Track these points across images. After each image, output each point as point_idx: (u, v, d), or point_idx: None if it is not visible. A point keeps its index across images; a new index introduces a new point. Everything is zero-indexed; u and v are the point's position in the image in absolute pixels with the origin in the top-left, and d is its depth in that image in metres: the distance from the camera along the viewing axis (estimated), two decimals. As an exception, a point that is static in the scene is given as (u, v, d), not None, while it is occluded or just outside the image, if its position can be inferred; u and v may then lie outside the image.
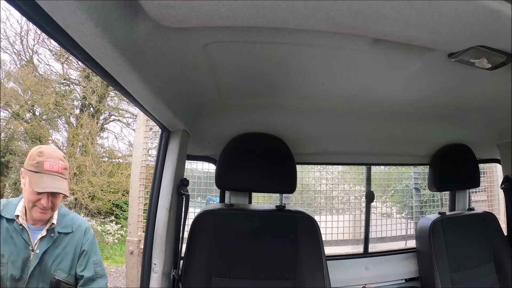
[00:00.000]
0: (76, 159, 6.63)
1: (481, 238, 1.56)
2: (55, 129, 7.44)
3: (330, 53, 0.85)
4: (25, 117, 7.05)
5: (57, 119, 7.46)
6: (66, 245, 1.32)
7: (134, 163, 3.57)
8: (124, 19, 0.57)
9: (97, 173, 6.61)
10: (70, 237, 1.33)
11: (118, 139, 7.83)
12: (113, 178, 6.69)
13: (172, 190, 1.09)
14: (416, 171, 4.51)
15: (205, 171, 3.64)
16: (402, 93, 1.16)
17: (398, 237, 4.28)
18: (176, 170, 1.10)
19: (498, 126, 1.50)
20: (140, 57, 0.67)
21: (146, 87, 0.75)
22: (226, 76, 1.00)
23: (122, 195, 6.68)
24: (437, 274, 1.48)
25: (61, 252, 1.30)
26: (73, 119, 7.47)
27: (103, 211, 6.91)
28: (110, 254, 6.03)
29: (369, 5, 0.57)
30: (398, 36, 0.69)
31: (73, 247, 1.33)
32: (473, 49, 0.72)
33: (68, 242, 1.33)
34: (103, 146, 7.62)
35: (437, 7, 0.57)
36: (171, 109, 0.94)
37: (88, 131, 7.03)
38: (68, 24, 0.50)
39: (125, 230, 6.33)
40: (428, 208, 4.53)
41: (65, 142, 7.28)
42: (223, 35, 0.75)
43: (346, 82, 1.06)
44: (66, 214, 1.38)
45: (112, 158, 7.30)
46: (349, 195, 4.53)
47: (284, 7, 0.57)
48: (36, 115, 7.17)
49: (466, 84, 1.05)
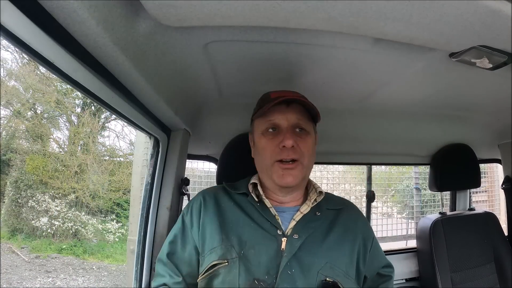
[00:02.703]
0: (77, 158, 6.65)
1: (481, 238, 1.56)
2: (56, 128, 7.45)
3: (331, 52, 0.85)
4: (26, 116, 7.07)
5: (59, 118, 7.47)
6: None
7: (135, 162, 3.57)
8: (125, 18, 0.57)
9: (98, 171, 6.63)
10: None
11: (119, 138, 7.86)
12: (114, 177, 6.70)
13: (173, 189, 1.09)
14: (417, 171, 4.51)
15: (206, 170, 3.64)
16: (403, 93, 1.16)
17: (398, 237, 4.28)
18: (177, 170, 1.11)
19: (499, 126, 1.50)
20: (141, 56, 0.67)
21: (147, 86, 0.75)
22: (227, 75, 1.00)
23: (123, 194, 6.70)
24: (438, 274, 1.48)
25: None
26: (75, 118, 7.49)
27: (104, 210, 6.92)
28: (111, 252, 6.04)
29: (370, 5, 0.57)
30: (399, 36, 0.68)
31: None
32: (474, 49, 0.72)
33: None
34: (104, 145, 7.64)
35: (438, 7, 0.56)
36: (172, 108, 0.94)
37: (90, 130, 7.05)
38: (69, 23, 0.50)
39: (126, 228, 6.34)
40: (429, 208, 4.53)
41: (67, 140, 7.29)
42: (224, 34, 0.75)
43: (347, 81, 1.06)
44: None
45: (113, 157, 7.32)
46: (350, 195, 4.52)
47: (285, 7, 0.57)
48: (38, 113, 7.19)
49: (467, 84, 1.05)
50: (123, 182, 6.66)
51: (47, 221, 5.76)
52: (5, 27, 0.43)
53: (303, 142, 0.84)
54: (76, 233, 6.00)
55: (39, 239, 5.72)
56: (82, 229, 6.02)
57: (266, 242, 0.80)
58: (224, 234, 0.82)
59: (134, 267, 1.03)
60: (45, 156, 6.20)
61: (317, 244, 0.82)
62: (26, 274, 4.84)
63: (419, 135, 1.53)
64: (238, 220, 0.85)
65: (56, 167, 6.14)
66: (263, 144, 0.85)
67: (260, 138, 0.86)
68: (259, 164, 0.89)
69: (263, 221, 0.84)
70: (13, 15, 0.43)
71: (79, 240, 5.96)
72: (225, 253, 0.79)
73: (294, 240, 0.80)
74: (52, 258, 5.38)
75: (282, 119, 0.84)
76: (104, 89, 0.67)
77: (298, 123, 0.85)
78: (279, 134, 0.84)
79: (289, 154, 0.82)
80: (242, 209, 0.87)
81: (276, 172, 0.83)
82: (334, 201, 0.94)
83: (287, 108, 0.84)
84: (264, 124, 0.86)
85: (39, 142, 6.46)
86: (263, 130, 0.86)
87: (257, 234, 0.82)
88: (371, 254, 0.90)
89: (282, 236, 0.81)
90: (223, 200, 0.90)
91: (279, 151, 0.82)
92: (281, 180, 0.82)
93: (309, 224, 0.84)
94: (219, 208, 0.87)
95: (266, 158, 0.84)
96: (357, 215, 0.96)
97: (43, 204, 5.84)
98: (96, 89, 0.65)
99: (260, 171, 0.90)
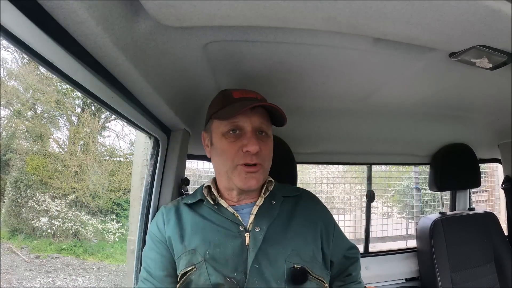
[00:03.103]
0: (78, 158, 6.65)
1: (481, 238, 1.56)
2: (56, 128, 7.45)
3: (330, 52, 0.85)
4: (26, 116, 7.07)
5: (59, 118, 7.47)
6: None
7: (135, 162, 3.57)
8: (125, 18, 0.57)
9: (98, 171, 6.63)
10: None
11: (119, 138, 7.86)
12: (114, 177, 6.71)
13: (173, 189, 1.09)
14: (417, 171, 4.51)
15: (205, 170, 3.64)
16: (403, 93, 1.16)
17: (398, 236, 4.28)
18: (176, 170, 1.10)
19: (498, 126, 1.50)
20: (141, 56, 0.67)
21: (147, 86, 0.75)
22: (226, 75, 1.00)
23: (123, 194, 6.70)
24: (438, 273, 1.48)
25: None
26: (75, 118, 7.49)
27: (104, 210, 6.92)
28: (111, 252, 6.04)
29: (370, 5, 0.57)
30: (399, 36, 0.69)
31: None
32: (474, 49, 0.72)
33: None
34: (104, 145, 7.64)
35: (438, 7, 0.56)
36: (171, 108, 0.94)
37: (90, 130, 7.05)
38: (69, 23, 0.50)
39: (125, 228, 6.34)
40: (429, 208, 4.52)
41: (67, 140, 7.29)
42: (223, 34, 0.75)
43: (347, 81, 1.06)
44: None
45: (113, 157, 7.32)
46: (350, 194, 4.52)
47: (285, 7, 0.57)
48: (38, 113, 7.19)
49: (467, 84, 1.05)
50: (123, 182, 6.66)
51: (47, 221, 5.76)
52: (5, 27, 0.43)
53: (265, 146, 0.84)
54: (76, 233, 6.00)
55: (39, 239, 5.72)
56: (82, 229, 6.02)
57: (230, 239, 0.81)
58: (187, 241, 0.82)
59: (134, 267, 1.03)
60: (45, 156, 6.21)
61: (280, 233, 0.83)
62: (26, 274, 4.84)
63: (419, 135, 1.53)
64: (198, 226, 0.84)
65: (56, 167, 6.14)
66: (224, 146, 0.84)
67: (221, 139, 0.85)
68: (218, 165, 0.88)
69: (223, 221, 0.84)
70: (13, 15, 0.43)
71: (79, 240, 5.96)
72: (190, 259, 0.80)
73: (256, 233, 0.81)
74: (52, 258, 5.38)
75: (245, 122, 0.82)
76: (104, 89, 0.67)
77: (260, 126, 0.84)
78: (241, 136, 0.83)
79: (253, 159, 0.81)
80: (201, 215, 0.87)
81: (239, 175, 0.82)
82: (287, 189, 0.95)
83: (252, 111, 0.83)
84: (225, 125, 0.84)
85: (39, 142, 6.47)
86: (224, 132, 0.84)
87: (219, 234, 0.82)
88: (334, 238, 0.92)
89: (244, 232, 0.82)
90: (183, 211, 0.89)
91: (242, 155, 0.81)
92: (244, 184, 0.82)
93: (268, 214, 0.85)
94: (180, 221, 0.87)
95: (227, 161, 0.83)
96: (315, 202, 0.97)
97: (43, 204, 5.84)
98: (96, 89, 0.65)
99: (218, 173, 0.89)
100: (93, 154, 6.82)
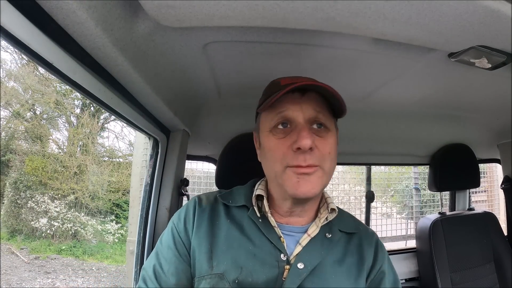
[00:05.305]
0: (77, 159, 6.64)
1: (481, 238, 1.56)
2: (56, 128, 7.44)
3: (330, 52, 0.85)
4: (25, 116, 7.06)
5: (58, 118, 7.46)
6: None
7: (135, 162, 3.56)
8: (124, 19, 0.57)
9: (98, 172, 6.62)
10: None
11: (119, 139, 7.86)
12: (114, 178, 6.70)
13: (173, 190, 1.09)
14: (416, 171, 4.52)
15: (205, 171, 3.64)
16: (402, 93, 1.16)
17: (398, 237, 4.29)
18: (176, 170, 1.10)
19: (498, 126, 1.50)
20: (140, 57, 0.67)
21: (146, 87, 0.75)
22: (226, 75, 1.00)
23: (122, 195, 6.70)
24: (437, 274, 1.48)
25: None
26: (74, 118, 7.48)
27: (103, 211, 6.92)
28: (110, 253, 6.03)
29: (369, 5, 0.57)
30: (398, 36, 0.69)
31: None
32: (473, 49, 0.72)
33: None
34: (104, 146, 7.64)
35: (437, 7, 0.56)
36: (171, 109, 0.94)
37: (89, 131, 7.04)
38: (68, 24, 0.50)
39: (125, 229, 6.34)
40: (428, 208, 4.53)
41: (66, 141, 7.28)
42: (223, 34, 0.75)
43: (346, 82, 1.06)
44: None
45: (112, 158, 7.31)
46: (349, 195, 4.53)
47: (284, 7, 0.57)
48: (37, 114, 7.18)
49: (466, 84, 1.05)
50: (122, 183, 6.66)
51: (46, 222, 5.75)
52: (4, 28, 0.43)
53: (323, 143, 0.66)
54: (75, 234, 6.00)
55: (38, 240, 5.71)
56: (82, 230, 6.01)
57: (266, 269, 0.66)
58: (215, 261, 0.68)
59: (134, 268, 1.03)
60: (44, 157, 6.20)
61: (325, 278, 0.68)
62: (25, 275, 4.83)
63: (418, 135, 1.53)
64: (233, 241, 0.70)
65: (55, 168, 6.13)
66: (272, 144, 0.67)
67: (268, 137, 0.68)
68: (267, 170, 0.71)
69: (264, 243, 0.69)
70: (12, 16, 0.43)
71: (79, 241, 5.95)
72: (216, 284, 0.66)
73: (299, 271, 0.66)
74: (51, 259, 5.37)
75: (295, 111, 0.65)
76: (103, 90, 0.67)
77: (316, 116, 0.66)
78: (292, 131, 0.66)
79: (306, 159, 0.63)
80: (239, 225, 0.72)
81: (289, 179, 0.64)
82: (347, 222, 0.78)
83: (302, 97, 0.66)
84: (272, 118, 0.67)
85: (38, 143, 6.46)
86: (271, 127, 0.67)
87: (255, 260, 0.67)
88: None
89: (285, 263, 0.67)
90: (219, 215, 0.74)
91: (292, 155, 0.64)
92: (296, 189, 0.64)
93: (317, 251, 0.70)
94: (212, 230, 0.72)
95: (275, 163, 0.66)
96: (374, 243, 0.79)
97: (42, 205, 5.83)
98: (95, 90, 0.65)
99: (269, 179, 0.73)
100: (92, 155, 6.81)
